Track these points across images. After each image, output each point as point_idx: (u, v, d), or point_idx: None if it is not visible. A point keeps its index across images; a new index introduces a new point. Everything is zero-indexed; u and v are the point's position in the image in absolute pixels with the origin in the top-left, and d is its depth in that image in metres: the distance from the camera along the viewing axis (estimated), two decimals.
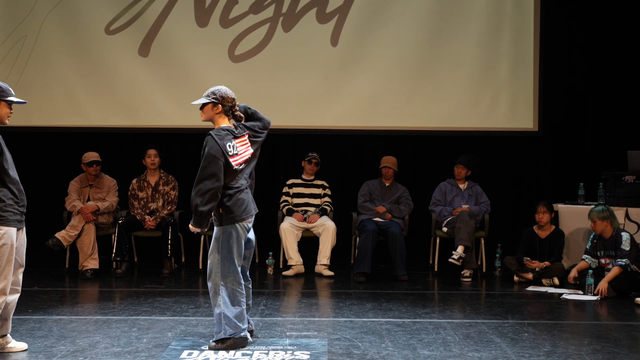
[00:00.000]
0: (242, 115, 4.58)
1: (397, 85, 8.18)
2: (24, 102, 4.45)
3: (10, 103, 4.30)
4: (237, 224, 4.41)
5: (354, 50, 8.17)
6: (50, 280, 6.84)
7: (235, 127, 4.51)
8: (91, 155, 7.45)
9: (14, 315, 4.48)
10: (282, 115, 8.12)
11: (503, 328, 5.10)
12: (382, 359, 4.34)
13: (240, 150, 4.45)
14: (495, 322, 5.30)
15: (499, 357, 4.37)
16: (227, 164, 4.36)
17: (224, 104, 4.48)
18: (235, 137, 4.45)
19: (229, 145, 4.38)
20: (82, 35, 8.17)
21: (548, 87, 8.24)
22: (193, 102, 4.57)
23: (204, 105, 4.49)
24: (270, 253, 7.46)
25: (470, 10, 8.14)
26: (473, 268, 7.20)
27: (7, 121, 4.31)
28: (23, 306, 5.41)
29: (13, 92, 4.34)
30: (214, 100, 4.46)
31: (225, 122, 4.50)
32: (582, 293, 6.31)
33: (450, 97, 8.18)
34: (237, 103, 4.56)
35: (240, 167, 4.46)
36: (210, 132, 4.42)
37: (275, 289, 6.68)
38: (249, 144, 4.54)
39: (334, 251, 7.40)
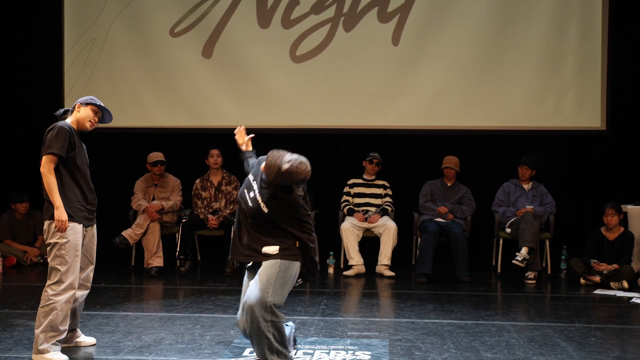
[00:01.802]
0: None
1: (459, 85, 8.08)
2: (109, 113, 4.55)
3: (96, 107, 4.45)
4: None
5: (415, 50, 8.11)
6: (117, 277, 7.02)
7: None
8: (156, 155, 7.61)
9: (83, 310, 4.62)
10: (343, 115, 8.16)
11: (569, 332, 4.97)
12: None
13: None
14: (561, 325, 5.17)
15: None
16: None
17: None
18: None
19: None
20: (148, 38, 8.37)
21: (616, 84, 8.00)
22: None
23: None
24: (331, 253, 7.48)
25: (535, 8, 7.98)
26: (537, 270, 7.06)
27: (88, 125, 4.41)
28: (91, 302, 5.58)
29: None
30: None
31: None
32: None
33: (513, 96, 8.03)
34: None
35: None
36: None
37: (336, 289, 6.69)
38: None
39: (395, 251, 7.36)
